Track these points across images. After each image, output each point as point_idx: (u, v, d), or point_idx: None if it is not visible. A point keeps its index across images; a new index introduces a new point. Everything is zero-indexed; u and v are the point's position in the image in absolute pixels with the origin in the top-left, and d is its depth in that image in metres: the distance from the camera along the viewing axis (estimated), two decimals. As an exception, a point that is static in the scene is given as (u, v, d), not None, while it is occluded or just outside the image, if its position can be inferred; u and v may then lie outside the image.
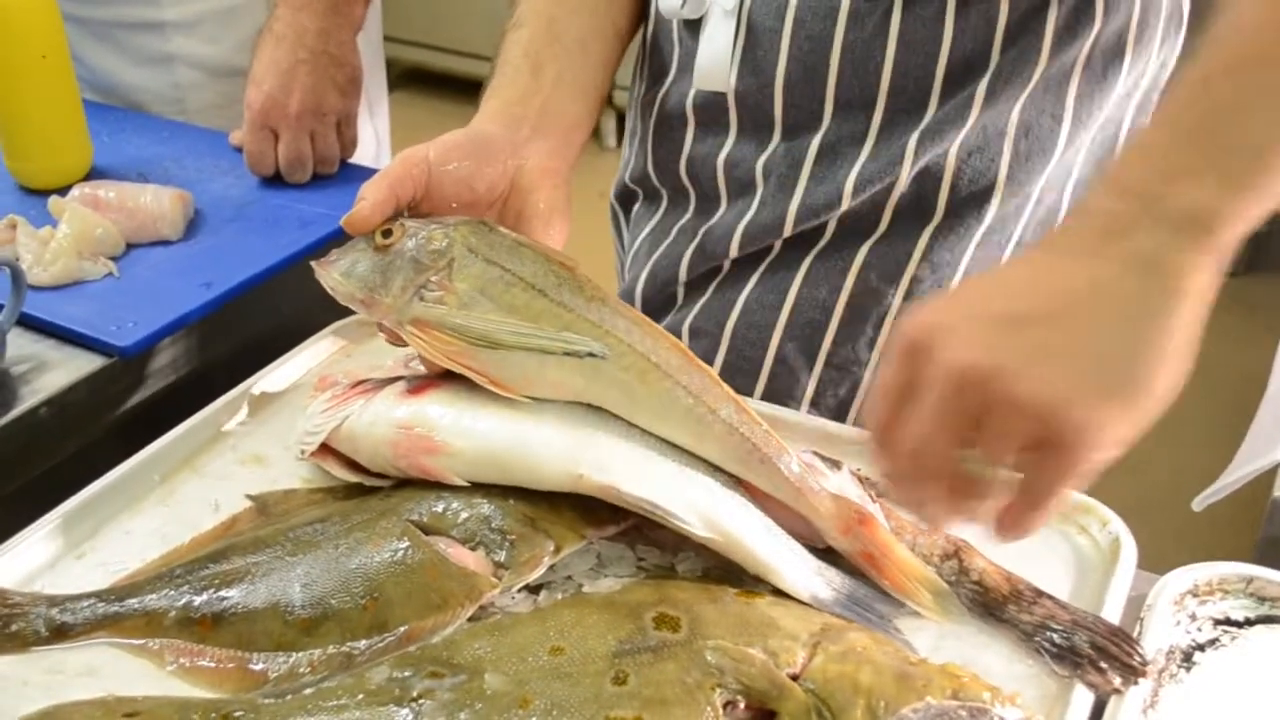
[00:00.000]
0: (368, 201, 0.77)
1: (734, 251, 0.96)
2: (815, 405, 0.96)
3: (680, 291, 1.01)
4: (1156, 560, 0.77)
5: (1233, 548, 1.91)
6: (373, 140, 1.50)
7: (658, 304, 1.02)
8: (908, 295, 0.93)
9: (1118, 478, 0.63)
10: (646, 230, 1.04)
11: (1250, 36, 0.58)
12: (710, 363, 0.93)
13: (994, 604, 0.71)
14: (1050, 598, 0.71)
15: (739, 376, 0.94)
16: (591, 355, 0.73)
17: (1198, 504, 1.08)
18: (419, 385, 0.77)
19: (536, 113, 0.87)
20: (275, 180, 1.19)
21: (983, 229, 0.92)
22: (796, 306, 0.94)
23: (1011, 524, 0.60)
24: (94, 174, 1.19)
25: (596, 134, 3.46)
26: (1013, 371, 0.55)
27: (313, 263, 0.79)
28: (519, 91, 0.88)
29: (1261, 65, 0.57)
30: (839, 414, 0.95)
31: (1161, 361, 0.56)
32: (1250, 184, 0.56)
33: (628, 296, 1.04)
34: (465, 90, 0.99)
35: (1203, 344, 0.58)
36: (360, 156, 1.31)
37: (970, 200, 0.91)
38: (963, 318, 0.58)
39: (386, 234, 0.76)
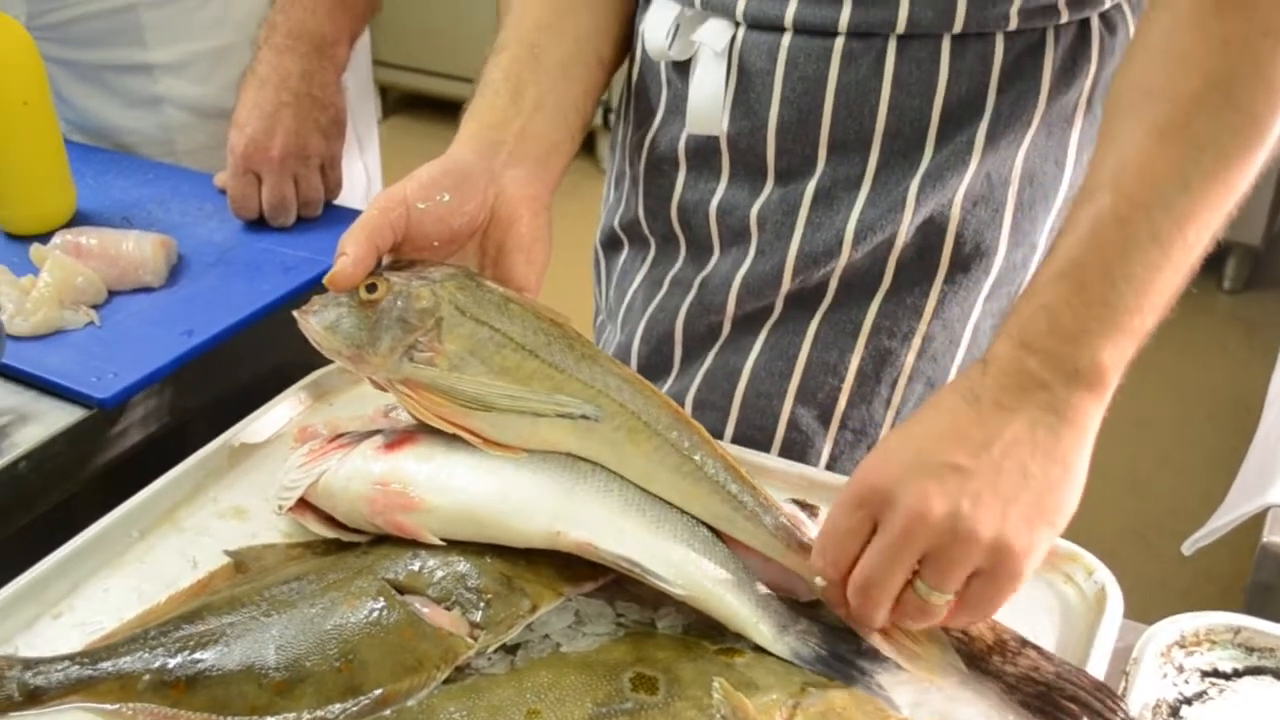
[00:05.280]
0: (349, 258, 0.75)
1: (732, 305, 0.94)
2: (832, 470, 0.93)
3: (677, 352, 0.98)
4: (1144, 600, 0.77)
5: (1223, 588, 1.90)
6: (363, 177, 1.50)
7: (655, 363, 1.00)
8: (920, 354, 0.91)
9: (1117, 503, 0.68)
10: (637, 282, 1.02)
11: (1134, 178, 0.67)
12: (719, 435, 0.92)
13: (978, 654, 0.71)
14: (1035, 648, 0.70)
15: (752, 447, 0.91)
16: (585, 417, 0.72)
17: (1187, 548, 1.08)
18: (397, 439, 0.76)
19: (515, 137, 0.86)
20: (259, 224, 1.19)
21: (990, 281, 0.91)
22: (807, 371, 0.92)
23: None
24: (78, 218, 1.19)
25: (593, 156, 3.48)
26: (966, 514, 0.64)
27: (295, 312, 0.78)
28: (498, 115, 0.87)
29: (1145, 211, 0.66)
30: None
31: (1074, 489, 0.67)
32: (1134, 331, 0.66)
33: (623, 354, 1.02)
34: (461, 115, 1.00)
35: (1202, 363, 0.64)
36: (350, 194, 1.31)
37: (975, 252, 0.89)
38: (910, 469, 0.66)
39: (371, 288, 0.75)
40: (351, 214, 1.23)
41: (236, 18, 1.35)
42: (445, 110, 3.89)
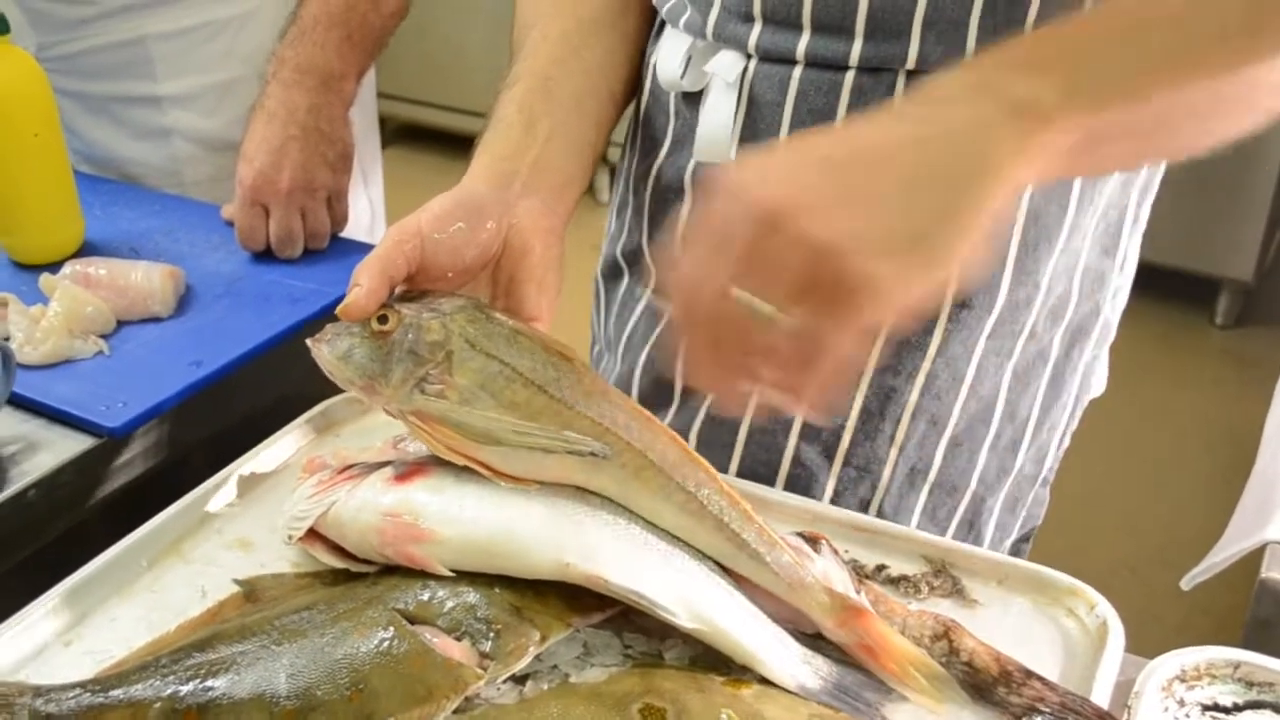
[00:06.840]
0: (362, 289, 0.76)
1: None
2: (836, 505, 0.93)
3: (678, 385, 0.99)
4: (1139, 634, 0.77)
5: (1218, 622, 1.91)
6: (367, 210, 1.51)
7: (656, 396, 1.00)
8: (924, 391, 0.92)
9: (1112, 538, 0.67)
10: (638, 312, 1.03)
11: None
12: (724, 471, 0.92)
13: (984, 685, 0.71)
14: (1040, 678, 0.71)
15: (756, 482, 0.91)
16: (593, 454, 0.73)
17: (1185, 583, 1.09)
18: (407, 471, 0.77)
19: (529, 168, 0.86)
20: (266, 255, 1.20)
21: (993, 319, 0.91)
22: None
23: (792, 388, 0.59)
24: (86, 248, 1.20)
25: (591, 188, 3.50)
26: (808, 208, 0.55)
27: (308, 341, 0.78)
28: (511, 146, 0.88)
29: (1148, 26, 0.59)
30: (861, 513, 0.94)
31: (962, 232, 0.56)
32: (1095, 97, 0.57)
33: (624, 385, 1.02)
34: (460, 146, 1.00)
35: (1195, 397, 0.61)
36: (355, 226, 1.33)
37: (978, 291, 0.90)
38: (780, 159, 0.58)
39: (383, 319, 0.76)
40: (357, 246, 1.24)
41: (245, 51, 1.37)
42: (444, 141, 3.92)
